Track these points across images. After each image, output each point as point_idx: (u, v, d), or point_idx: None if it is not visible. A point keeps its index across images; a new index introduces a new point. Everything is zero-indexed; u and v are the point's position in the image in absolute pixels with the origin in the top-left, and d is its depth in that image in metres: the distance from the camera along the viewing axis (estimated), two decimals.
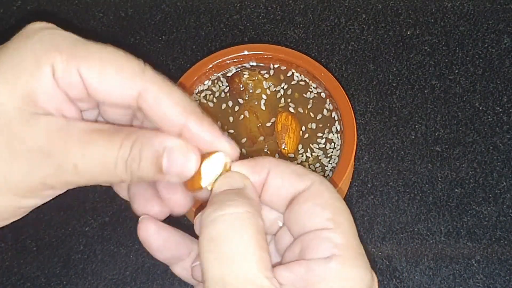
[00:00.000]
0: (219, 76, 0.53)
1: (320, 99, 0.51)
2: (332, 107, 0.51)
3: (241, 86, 0.51)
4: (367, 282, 0.27)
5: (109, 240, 0.53)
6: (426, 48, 0.61)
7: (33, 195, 0.28)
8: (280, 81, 0.53)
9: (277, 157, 0.49)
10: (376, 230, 0.53)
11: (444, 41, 0.61)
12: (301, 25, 0.63)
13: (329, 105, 0.51)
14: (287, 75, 0.53)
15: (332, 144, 0.50)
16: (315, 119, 0.51)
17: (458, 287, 0.50)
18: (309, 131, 0.50)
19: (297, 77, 0.52)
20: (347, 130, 0.49)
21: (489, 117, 0.57)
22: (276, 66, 0.53)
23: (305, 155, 0.49)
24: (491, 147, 0.56)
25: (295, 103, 0.51)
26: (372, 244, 0.52)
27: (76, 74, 0.28)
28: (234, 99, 0.52)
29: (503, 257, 0.51)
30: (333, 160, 0.49)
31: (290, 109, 0.51)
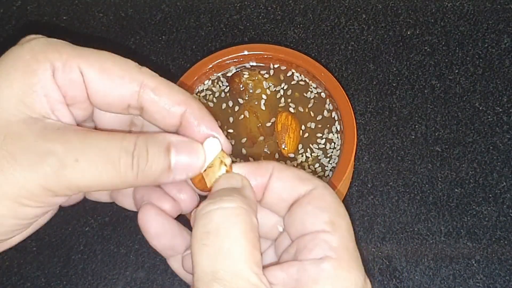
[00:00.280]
0: (219, 76, 0.53)
1: (320, 99, 0.51)
2: (332, 107, 0.51)
3: (241, 86, 0.51)
4: (360, 286, 0.27)
5: (109, 240, 0.53)
6: (426, 48, 0.61)
7: (32, 202, 0.27)
8: (280, 81, 0.53)
9: (277, 157, 0.49)
10: (376, 230, 0.53)
11: (444, 41, 0.61)
12: (301, 25, 0.63)
13: (329, 105, 0.51)
14: (287, 75, 0.53)
15: (332, 144, 0.50)
16: (315, 119, 0.51)
17: (458, 287, 0.50)
18: (309, 131, 0.50)
19: (297, 77, 0.52)
20: (347, 130, 0.49)
21: (489, 117, 0.57)
22: (276, 66, 0.53)
23: (305, 155, 0.49)
24: (491, 147, 0.56)
25: (295, 103, 0.51)
26: (372, 244, 0.52)
27: (76, 70, 0.28)
28: (234, 99, 0.52)
29: (503, 257, 0.51)
30: (333, 160, 0.49)
31: (290, 109, 0.51)
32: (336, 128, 0.50)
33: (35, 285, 0.52)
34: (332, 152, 0.49)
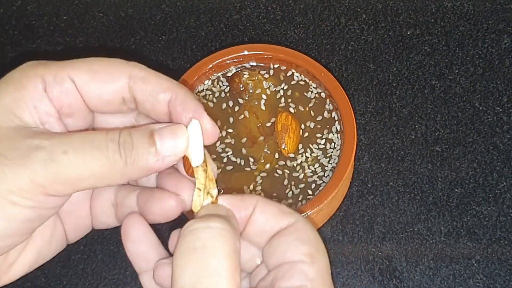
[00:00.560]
0: (219, 76, 0.53)
1: (320, 99, 0.51)
2: (332, 107, 0.51)
3: (241, 86, 0.51)
4: None
5: (109, 240, 0.53)
6: (426, 48, 0.61)
7: (23, 200, 0.27)
8: (280, 81, 0.53)
9: (277, 157, 0.49)
10: (376, 230, 0.53)
11: (444, 41, 0.61)
12: (301, 25, 0.63)
13: (329, 105, 0.51)
14: (287, 75, 0.53)
15: (332, 144, 0.50)
16: (315, 119, 0.51)
17: (458, 287, 0.50)
18: (309, 131, 0.50)
19: (297, 77, 0.52)
20: (347, 130, 0.49)
21: (489, 117, 0.57)
22: (276, 66, 0.53)
23: (305, 155, 0.49)
24: (491, 147, 0.56)
25: (295, 103, 0.51)
26: (372, 244, 0.52)
27: (67, 80, 0.29)
28: (234, 99, 0.52)
29: (503, 257, 0.51)
30: (333, 160, 0.49)
31: (290, 109, 0.51)
32: (336, 128, 0.50)
33: (35, 285, 0.52)
34: (332, 152, 0.49)
